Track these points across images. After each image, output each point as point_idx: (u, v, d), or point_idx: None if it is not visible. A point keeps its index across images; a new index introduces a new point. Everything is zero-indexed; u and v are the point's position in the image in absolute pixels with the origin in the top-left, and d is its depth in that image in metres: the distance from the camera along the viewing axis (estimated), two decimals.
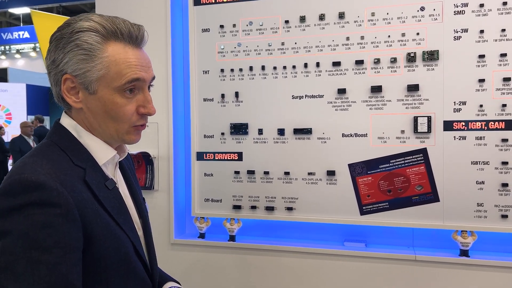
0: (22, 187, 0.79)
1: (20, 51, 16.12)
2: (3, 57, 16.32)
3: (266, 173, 2.09)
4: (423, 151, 1.90)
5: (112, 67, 0.90)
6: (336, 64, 1.97)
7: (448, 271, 1.89)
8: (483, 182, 1.84)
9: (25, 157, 0.88)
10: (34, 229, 0.76)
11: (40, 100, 11.79)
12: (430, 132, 1.88)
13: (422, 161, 1.90)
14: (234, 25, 2.11)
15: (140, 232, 1.05)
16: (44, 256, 0.76)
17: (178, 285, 1.18)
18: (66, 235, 0.79)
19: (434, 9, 1.86)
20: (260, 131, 2.09)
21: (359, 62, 1.94)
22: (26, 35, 15.07)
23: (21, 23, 16.53)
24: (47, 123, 10.22)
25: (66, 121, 0.96)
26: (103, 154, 0.96)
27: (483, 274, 1.85)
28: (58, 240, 0.78)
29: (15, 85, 11.31)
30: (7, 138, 9.26)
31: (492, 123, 1.82)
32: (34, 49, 15.64)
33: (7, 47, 16.13)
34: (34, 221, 0.77)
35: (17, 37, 15.28)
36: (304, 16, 2.01)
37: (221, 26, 2.12)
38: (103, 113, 0.92)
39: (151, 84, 1.00)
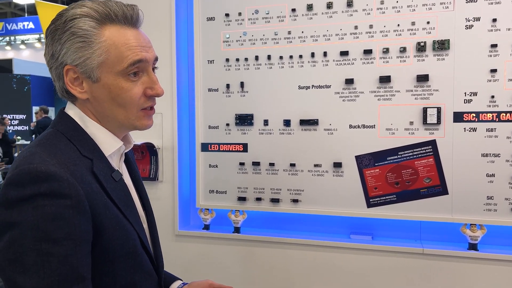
0: (31, 178, 0.76)
1: (25, 41, 16.12)
2: (8, 47, 16.32)
3: (272, 164, 2.06)
4: (432, 143, 1.86)
5: (112, 51, 0.87)
6: (344, 53, 1.93)
7: (456, 265, 1.86)
8: (493, 175, 1.80)
9: (31, 146, 0.85)
10: (44, 221, 0.75)
11: (45, 91, 11.81)
12: (440, 123, 1.84)
13: (431, 153, 1.86)
14: (239, 14, 2.07)
15: (145, 225, 1.04)
16: (54, 248, 0.75)
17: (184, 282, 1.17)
18: (76, 227, 0.78)
19: None
20: (266, 122, 2.06)
21: (368, 52, 1.90)
22: (31, 25, 15.05)
23: (26, 14, 16.52)
24: (52, 114, 10.24)
25: (71, 110, 0.94)
26: (110, 144, 0.94)
27: (492, 268, 1.82)
28: (68, 232, 0.76)
29: None
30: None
31: (504, 114, 1.77)
32: (39, 39, 15.62)
33: (12, 38, 16.13)
34: (44, 213, 0.75)
35: (22, 28, 15.27)
36: (312, 4, 1.96)
37: (227, 15, 2.08)
38: (110, 100, 0.89)
39: (155, 66, 0.97)
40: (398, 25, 1.86)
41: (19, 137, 9.96)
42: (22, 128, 11.34)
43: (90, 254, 0.82)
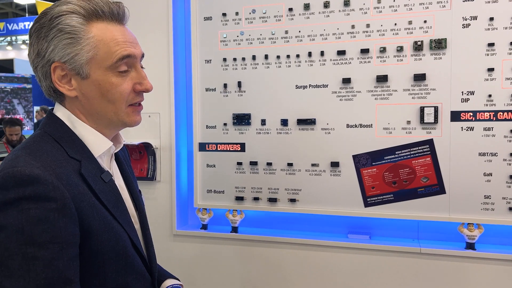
0: (15, 181, 0.76)
1: (26, 41, 16.12)
2: (9, 47, 16.35)
3: (269, 164, 2.06)
4: (430, 142, 1.85)
5: (100, 47, 0.87)
6: (341, 53, 1.93)
7: (453, 264, 1.86)
8: (490, 174, 1.80)
9: (17, 149, 0.85)
10: (29, 224, 0.74)
11: None
12: (437, 122, 1.84)
13: (428, 153, 1.86)
14: (236, 13, 2.06)
15: (137, 226, 1.03)
16: (40, 252, 0.74)
17: (178, 282, 1.16)
18: (62, 230, 0.77)
19: None
20: (263, 122, 2.06)
21: (365, 51, 1.90)
22: None
23: (27, 14, 16.54)
24: None
25: (59, 111, 0.93)
26: (99, 145, 0.93)
27: (490, 268, 1.81)
28: (54, 235, 0.76)
29: None
30: None
31: (501, 113, 1.77)
32: None
33: (13, 38, 16.15)
34: (29, 216, 0.75)
35: (23, 28, 15.27)
36: (308, 3, 1.96)
37: (224, 14, 2.08)
38: (100, 96, 0.89)
39: (141, 65, 0.97)
40: (395, 24, 1.86)
41: None
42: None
43: (78, 257, 0.81)
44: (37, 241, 0.74)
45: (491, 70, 1.76)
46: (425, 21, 1.83)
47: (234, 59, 2.08)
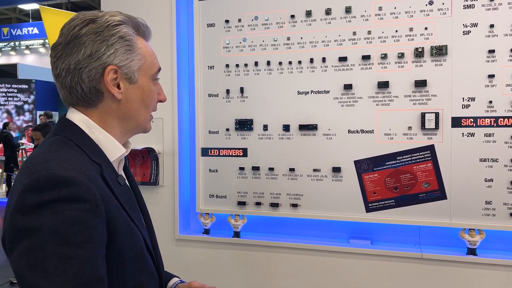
0: (50, 183, 0.77)
1: (30, 47, 16.23)
2: (12, 52, 16.43)
3: (271, 169, 2.08)
4: (431, 148, 1.87)
5: (147, 57, 0.99)
6: (343, 59, 1.94)
7: (455, 270, 1.86)
8: (491, 180, 1.81)
9: (43, 152, 0.86)
10: (65, 225, 0.76)
11: (49, 95, 11.87)
12: (438, 128, 1.85)
13: (429, 158, 1.87)
14: (239, 20, 2.09)
15: None
16: (76, 251, 0.76)
17: (181, 280, 1.20)
18: (95, 230, 0.79)
19: (443, 3, 1.82)
20: (265, 127, 2.07)
21: (366, 57, 1.91)
22: (35, 31, 15.14)
23: (30, 19, 16.65)
24: (55, 118, 10.29)
25: (77, 116, 0.94)
26: (114, 150, 0.96)
27: (491, 273, 1.82)
28: (88, 235, 0.78)
29: None
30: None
31: (502, 119, 1.78)
32: (43, 45, 15.72)
33: (16, 43, 16.25)
34: (65, 217, 0.76)
35: (27, 33, 15.36)
36: (310, 10, 1.98)
37: (227, 21, 2.11)
38: (140, 101, 0.98)
39: None
40: (396, 31, 1.88)
41: (22, 141, 10.01)
42: None
43: (105, 257, 0.83)
44: (73, 241, 0.76)
45: (491, 76, 1.78)
46: (426, 28, 1.84)
47: (237, 65, 2.10)
